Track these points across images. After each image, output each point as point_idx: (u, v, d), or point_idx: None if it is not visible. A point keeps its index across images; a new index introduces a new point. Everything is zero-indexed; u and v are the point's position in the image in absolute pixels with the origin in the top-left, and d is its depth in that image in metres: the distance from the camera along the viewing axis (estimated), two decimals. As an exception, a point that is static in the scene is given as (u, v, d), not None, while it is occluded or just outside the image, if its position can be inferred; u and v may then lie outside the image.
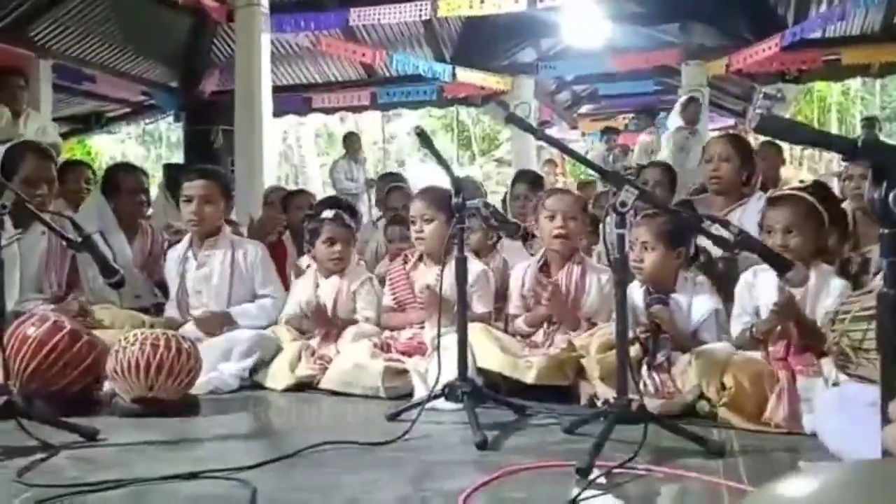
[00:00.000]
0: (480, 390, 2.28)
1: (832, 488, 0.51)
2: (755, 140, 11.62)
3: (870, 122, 7.93)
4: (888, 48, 7.85)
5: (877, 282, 1.67)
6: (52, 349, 2.33)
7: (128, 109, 10.59)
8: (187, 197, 3.06)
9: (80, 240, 2.16)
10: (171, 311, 3.17)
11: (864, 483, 0.51)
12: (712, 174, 3.19)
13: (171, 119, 11.18)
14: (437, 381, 2.20)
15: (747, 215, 2.95)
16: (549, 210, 2.88)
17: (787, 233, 2.38)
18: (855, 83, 16.40)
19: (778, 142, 6.35)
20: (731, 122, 12.47)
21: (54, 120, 7.27)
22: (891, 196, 0.87)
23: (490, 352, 2.56)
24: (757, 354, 2.34)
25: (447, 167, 2.33)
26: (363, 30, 9.07)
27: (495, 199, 4.26)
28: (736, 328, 2.50)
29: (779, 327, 2.27)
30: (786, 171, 6.18)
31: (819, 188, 2.79)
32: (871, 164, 0.91)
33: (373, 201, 7.50)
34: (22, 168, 2.92)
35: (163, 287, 3.40)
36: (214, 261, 3.10)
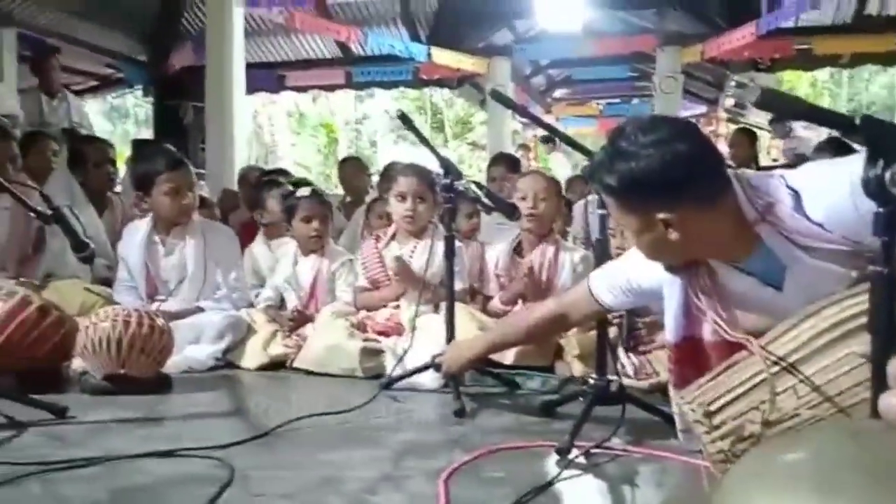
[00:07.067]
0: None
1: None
2: (727, 127, 11.68)
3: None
4: (859, 39, 7.94)
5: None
6: (20, 325, 2.27)
7: (94, 83, 10.33)
8: (175, 187, 2.89)
9: (49, 213, 2.09)
10: (124, 294, 2.95)
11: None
12: None
13: (139, 94, 10.93)
14: (401, 357, 2.19)
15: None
16: (521, 191, 2.94)
17: None
18: (823, 75, 16.62)
19: (752, 128, 6.41)
20: (703, 109, 12.56)
21: (19, 92, 7.04)
22: (887, 174, 0.87)
23: (469, 332, 2.55)
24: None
25: (433, 148, 2.30)
26: (338, 7, 8.94)
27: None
28: None
29: None
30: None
31: None
32: (867, 140, 0.90)
33: None
34: None
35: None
36: (186, 249, 2.94)
